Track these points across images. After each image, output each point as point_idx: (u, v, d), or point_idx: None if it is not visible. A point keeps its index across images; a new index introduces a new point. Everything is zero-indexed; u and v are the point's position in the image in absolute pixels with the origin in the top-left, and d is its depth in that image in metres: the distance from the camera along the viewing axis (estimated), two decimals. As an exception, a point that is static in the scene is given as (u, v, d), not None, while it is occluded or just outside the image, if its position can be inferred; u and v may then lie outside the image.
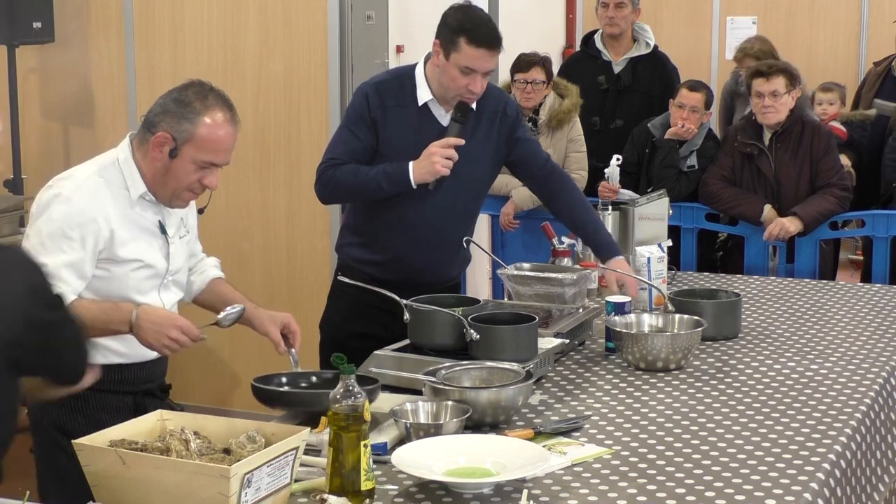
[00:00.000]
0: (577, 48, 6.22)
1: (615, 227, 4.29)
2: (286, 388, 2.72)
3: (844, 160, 5.40)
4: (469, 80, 3.34)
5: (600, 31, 5.88)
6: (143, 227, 2.79)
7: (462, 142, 3.36)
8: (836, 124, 5.79)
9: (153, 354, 2.82)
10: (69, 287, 2.65)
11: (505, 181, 5.51)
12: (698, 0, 8.20)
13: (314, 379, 2.77)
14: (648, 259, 3.77)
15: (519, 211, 5.47)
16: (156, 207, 2.81)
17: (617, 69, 5.79)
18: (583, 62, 5.94)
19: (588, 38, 5.98)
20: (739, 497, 2.30)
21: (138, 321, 2.67)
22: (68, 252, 2.66)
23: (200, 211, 3.03)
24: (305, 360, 2.91)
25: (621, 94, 5.75)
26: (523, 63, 5.42)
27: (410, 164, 3.35)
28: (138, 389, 2.83)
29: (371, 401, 2.47)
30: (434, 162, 3.30)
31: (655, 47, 5.84)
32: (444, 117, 3.46)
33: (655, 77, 5.78)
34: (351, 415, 2.20)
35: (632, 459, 2.50)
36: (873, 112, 5.93)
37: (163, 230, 2.83)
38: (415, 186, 3.35)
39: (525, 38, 6.39)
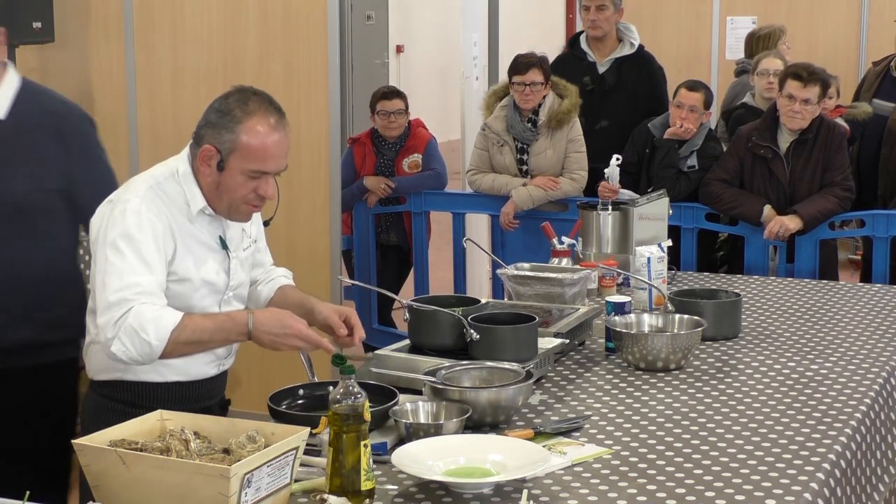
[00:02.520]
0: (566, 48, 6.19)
1: (615, 227, 4.30)
2: (305, 412, 2.65)
3: None
4: None
5: (585, 32, 5.88)
6: (203, 241, 2.69)
7: None
8: (840, 121, 5.78)
9: (212, 372, 2.79)
10: (161, 301, 2.59)
11: (505, 181, 5.52)
12: (698, 0, 8.20)
13: (331, 389, 2.68)
14: (648, 259, 3.77)
15: (519, 211, 5.48)
16: (216, 221, 2.71)
17: (601, 70, 5.79)
18: (569, 63, 5.93)
19: (574, 40, 5.97)
20: (739, 497, 2.30)
21: (255, 332, 2.59)
22: (156, 269, 2.58)
23: (266, 223, 2.90)
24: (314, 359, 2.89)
25: (606, 94, 5.74)
26: (520, 65, 5.42)
27: None
28: (196, 407, 2.69)
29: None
30: None
31: (641, 47, 5.84)
32: None
33: (641, 77, 5.78)
34: (351, 415, 2.21)
35: (632, 459, 2.50)
36: (871, 109, 5.93)
37: (223, 245, 2.74)
38: None
39: (525, 38, 6.40)
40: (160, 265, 2.60)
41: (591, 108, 5.74)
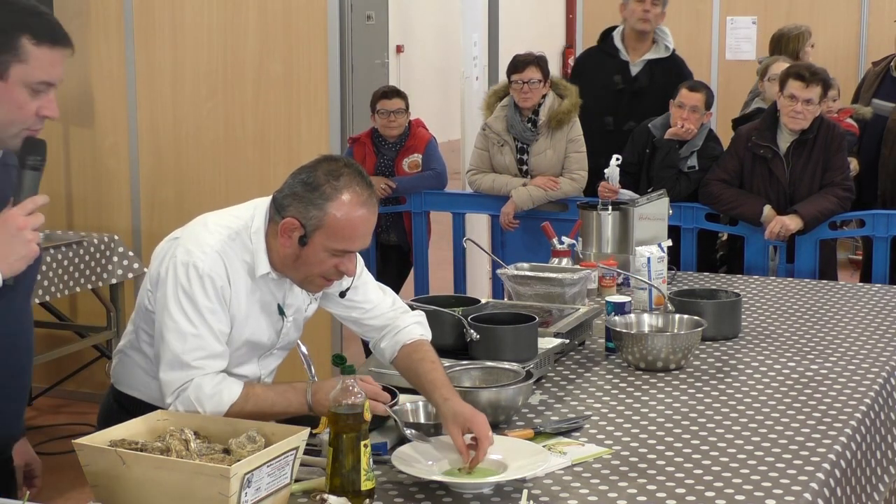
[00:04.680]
0: (595, 43, 5.99)
1: (615, 227, 4.30)
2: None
3: (854, 164, 5.39)
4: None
5: (620, 28, 5.77)
6: (261, 301, 2.59)
7: (47, 199, 2.18)
8: (849, 121, 5.78)
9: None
10: (223, 362, 2.52)
11: (505, 181, 5.52)
12: (698, 0, 8.20)
13: None
14: (648, 259, 3.77)
15: (519, 211, 5.48)
16: (280, 284, 2.60)
17: (634, 70, 5.69)
18: (598, 59, 5.83)
19: (606, 35, 5.87)
20: (739, 497, 2.30)
21: (315, 406, 2.48)
22: (217, 330, 2.50)
23: (342, 294, 2.70)
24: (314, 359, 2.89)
25: (636, 95, 5.64)
26: (518, 64, 5.42)
27: None
28: None
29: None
30: (29, 240, 2.12)
31: (674, 51, 5.75)
32: None
33: (672, 82, 5.59)
34: (351, 415, 2.21)
35: (632, 459, 2.50)
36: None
37: (281, 311, 2.64)
38: (2, 283, 2.13)
39: (525, 38, 6.40)
40: (225, 323, 2.53)
41: (619, 107, 5.66)
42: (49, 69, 2.21)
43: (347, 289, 2.68)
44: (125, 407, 2.67)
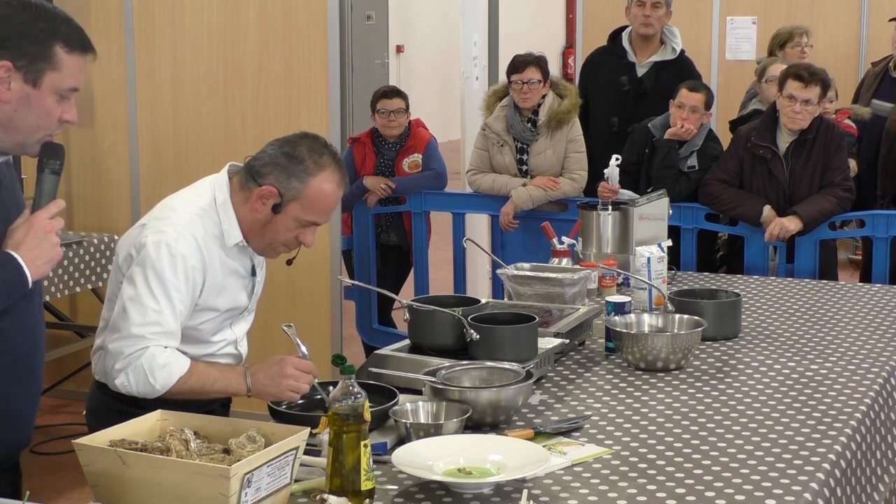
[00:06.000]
0: (602, 44, 6.00)
1: (615, 227, 4.30)
2: (305, 412, 2.68)
3: (852, 166, 5.39)
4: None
5: (628, 29, 5.75)
6: (234, 270, 2.73)
7: (64, 203, 2.32)
8: (848, 122, 5.77)
9: None
10: (176, 341, 2.62)
11: (505, 181, 5.52)
12: (698, 0, 8.20)
13: (331, 389, 2.66)
14: (648, 259, 3.77)
15: (518, 211, 5.48)
16: (244, 249, 2.74)
17: (640, 71, 5.67)
18: (606, 59, 5.82)
19: (615, 36, 5.84)
20: (739, 497, 2.30)
21: (254, 385, 2.64)
22: (179, 310, 2.62)
23: (289, 262, 2.85)
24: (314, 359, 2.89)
25: (642, 97, 5.63)
26: (518, 64, 5.42)
27: (16, 254, 2.18)
28: (202, 410, 2.63)
29: None
30: (55, 243, 2.23)
31: (682, 52, 5.72)
32: None
33: (679, 83, 5.62)
34: (351, 415, 2.21)
35: (632, 459, 2.50)
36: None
37: (253, 272, 2.79)
38: (32, 286, 2.22)
39: (525, 38, 6.39)
40: (186, 305, 2.64)
41: (625, 108, 5.65)
42: (77, 75, 2.25)
43: (294, 258, 2.83)
44: (107, 393, 2.70)
